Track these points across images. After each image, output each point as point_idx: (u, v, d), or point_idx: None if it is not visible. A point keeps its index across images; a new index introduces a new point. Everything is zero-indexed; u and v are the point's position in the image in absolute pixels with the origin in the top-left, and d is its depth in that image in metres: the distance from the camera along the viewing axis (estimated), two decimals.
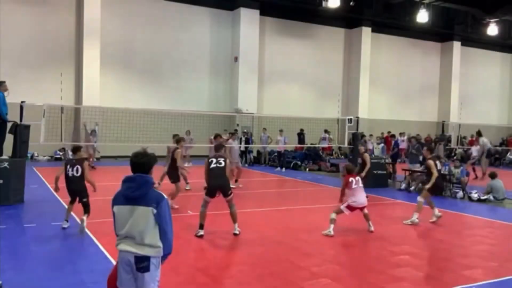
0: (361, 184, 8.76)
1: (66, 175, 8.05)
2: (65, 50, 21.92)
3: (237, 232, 8.09)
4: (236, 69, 25.23)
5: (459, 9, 28.74)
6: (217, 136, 13.45)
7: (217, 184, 7.96)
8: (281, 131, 20.37)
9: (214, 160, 8.04)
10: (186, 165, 16.47)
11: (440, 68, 33.40)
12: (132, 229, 3.61)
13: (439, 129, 29.03)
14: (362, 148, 13.01)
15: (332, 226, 8.32)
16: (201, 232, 7.86)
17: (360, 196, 8.61)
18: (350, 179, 8.64)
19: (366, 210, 8.72)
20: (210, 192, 8.02)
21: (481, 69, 34.70)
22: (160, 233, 3.66)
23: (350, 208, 8.55)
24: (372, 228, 8.63)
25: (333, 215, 8.45)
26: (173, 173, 10.47)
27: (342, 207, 8.59)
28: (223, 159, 8.11)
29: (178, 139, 11.10)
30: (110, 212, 3.76)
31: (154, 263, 3.64)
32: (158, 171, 11.32)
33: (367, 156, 12.55)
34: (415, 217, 9.58)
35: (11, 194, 10.31)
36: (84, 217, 7.92)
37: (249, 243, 7.75)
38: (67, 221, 8.22)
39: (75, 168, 8.00)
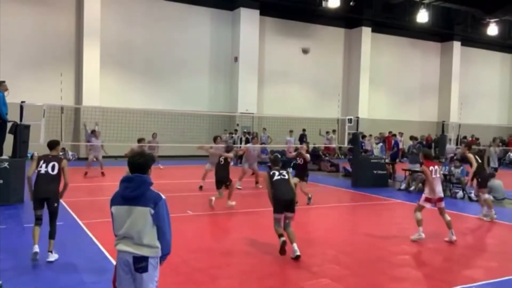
0: (439, 174, 8.19)
1: (38, 172, 6.52)
2: (65, 50, 21.93)
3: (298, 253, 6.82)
4: (236, 69, 25.24)
5: (459, 9, 28.75)
6: (216, 138, 13.39)
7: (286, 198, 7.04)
8: (291, 131, 20.41)
9: (277, 173, 7.15)
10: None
11: (440, 68, 33.41)
12: (130, 230, 3.61)
13: (439, 129, 28.95)
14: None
15: (420, 228, 7.97)
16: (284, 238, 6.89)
17: (439, 187, 8.10)
18: (431, 167, 8.06)
19: (443, 204, 8.13)
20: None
21: (481, 69, 34.71)
22: (159, 234, 3.65)
23: (429, 200, 8.09)
24: (454, 238, 7.98)
25: (418, 215, 8.03)
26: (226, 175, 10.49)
27: (421, 202, 8.12)
28: (285, 171, 7.26)
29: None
30: (109, 212, 3.76)
31: (152, 264, 3.64)
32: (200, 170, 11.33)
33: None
34: (492, 214, 10.08)
35: (11, 194, 10.31)
36: (51, 243, 6.43)
37: (249, 243, 7.75)
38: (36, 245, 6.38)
39: (50, 165, 6.51)
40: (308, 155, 11.68)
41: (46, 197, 6.45)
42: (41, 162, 6.54)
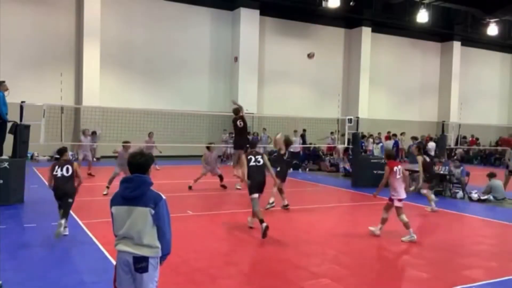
0: (402, 174, 8.20)
1: (55, 177, 7.64)
2: (65, 50, 21.92)
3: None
4: (236, 69, 25.23)
5: (459, 9, 28.74)
6: (209, 146, 13.63)
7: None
8: (295, 131, 20.41)
9: (253, 159, 8.40)
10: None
11: (440, 68, 33.39)
12: (130, 230, 3.61)
13: (439, 129, 28.96)
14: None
15: (410, 230, 7.97)
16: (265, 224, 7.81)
17: (401, 187, 8.15)
18: (394, 167, 8.10)
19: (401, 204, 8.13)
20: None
21: (481, 69, 34.70)
22: (159, 234, 3.65)
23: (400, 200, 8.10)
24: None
25: (403, 218, 8.02)
26: None
27: (397, 204, 8.10)
28: (260, 156, 8.51)
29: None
30: (109, 212, 3.76)
31: (152, 264, 3.64)
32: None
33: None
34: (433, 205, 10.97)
35: (11, 194, 10.31)
36: (62, 221, 7.45)
37: (249, 243, 7.75)
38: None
39: (64, 168, 7.65)
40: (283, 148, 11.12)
41: (64, 194, 7.63)
42: (56, 167, 7.69)
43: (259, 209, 8.26)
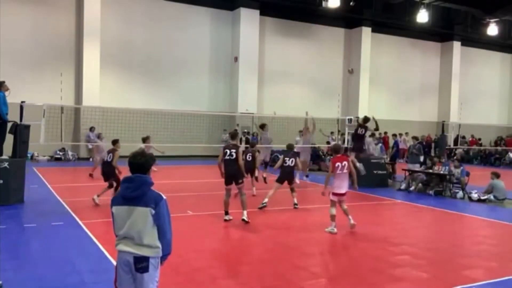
0: (346, 170, 8.54)
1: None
2: (65, 50, 21.92)
3: (245, 219, 8.90)
4: (236, 69, 25.23)
5: (459, 9, 28.73)
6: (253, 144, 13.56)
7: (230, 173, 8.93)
8: (300, 131, 20.37)
9: (228, 152, 8.91)
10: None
11: (440, 68, 33.39)
12: (131, 230, 3.61)
13: (439, 129, 29.00)
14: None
15: (333, 223, 8.38)
16: (228, 217, 9.06)
17: (342, 182, 8.54)
18: (337, 163, 8.52)
19: (344, 197, 8.65)
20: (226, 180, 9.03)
21: (481, 69, 34.69)
22: (159, 234, 3.65)
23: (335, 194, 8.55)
24: (352, 222, 8.56)
25: (332, 210, 8.49)
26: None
27: (331, 197, 8.58)
28: (234, 150, 8.92)
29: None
30: (109, 212, 3.76)
31: (153, 264, 3.64)
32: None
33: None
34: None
35: (11, 194, 10.30)
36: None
37: (249, 243, 7.75)
38: None
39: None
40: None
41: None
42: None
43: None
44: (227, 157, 8.96)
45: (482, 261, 7.04)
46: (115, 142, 11.29)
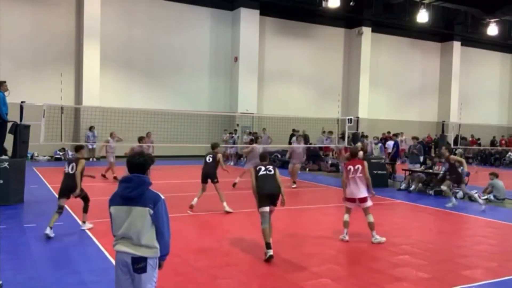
0: (360, 174, 7.91)
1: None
2: (65, 50, 21.93)
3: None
4: (236, 69, 25.24)
5: (459, 9, 28.75)
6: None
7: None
8: (303, 132, 20.42)
9: (263, 168, 7.16)
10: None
11: (440, 68, 33.40)
12: (129, 230, 3.59)
13: (439, 129, 28.99)
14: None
15: (345, 230, 7.99)
16: (270, 252, 6.71)
17: (350, 188, 7.95)
18: (349, 166, 8.00)
19: (366, 204, 8.00)
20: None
21: (481, 69, 34.71)
22: (157, 234, 3.63)
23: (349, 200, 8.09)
24: (376, 239, 7.91)
25: (345, 217, 8.08)
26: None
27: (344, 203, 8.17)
28: (272, 167, 7.29)
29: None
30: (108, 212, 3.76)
31: (151, 264, 3.63)
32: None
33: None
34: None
35: (11, 194, 10.31)
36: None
37: (249, 243, 7.75)
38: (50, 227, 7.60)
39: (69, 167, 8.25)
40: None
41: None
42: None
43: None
44: (262, 173, 7.16)
45: (481, 261, 7.04)
46: (78, 148, 8.59)
